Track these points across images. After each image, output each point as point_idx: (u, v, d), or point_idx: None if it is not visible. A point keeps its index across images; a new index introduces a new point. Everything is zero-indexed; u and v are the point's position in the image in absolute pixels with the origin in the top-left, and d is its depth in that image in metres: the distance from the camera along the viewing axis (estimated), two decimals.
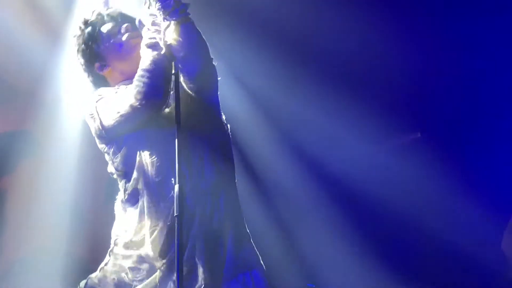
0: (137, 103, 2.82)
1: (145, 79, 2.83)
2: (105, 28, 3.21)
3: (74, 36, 3.29)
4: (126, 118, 2.87)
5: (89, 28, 3.23)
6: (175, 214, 2.58)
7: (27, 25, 5.54)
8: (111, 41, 3.19)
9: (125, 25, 3.22)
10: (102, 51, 3.20)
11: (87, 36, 3.22)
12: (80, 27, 3.28)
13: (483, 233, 6.61)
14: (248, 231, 3.00)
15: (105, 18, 3.24)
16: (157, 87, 2.83)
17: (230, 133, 3.13)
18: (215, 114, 3.10)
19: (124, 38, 3.18)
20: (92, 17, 3.27)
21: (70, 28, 5.56)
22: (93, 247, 6.30)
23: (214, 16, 5.56)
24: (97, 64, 3.22)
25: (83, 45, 3.22)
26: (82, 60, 3.26)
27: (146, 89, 2.81)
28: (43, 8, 5.43)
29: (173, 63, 2.89)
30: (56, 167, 6.58)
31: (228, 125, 3.13)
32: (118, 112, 2.89)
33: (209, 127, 3.03)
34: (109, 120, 2.92)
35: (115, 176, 3.03)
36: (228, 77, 6.41)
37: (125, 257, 2.88)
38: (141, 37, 3.13)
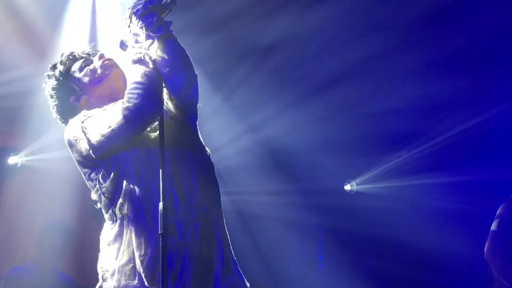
0: (131, 115, 2.74)
1: (138, 91, 2.77)
2: (77, 63, 3.19)
3: (45, 81, 3.20)
4: (117, 133, 2.77)
5: (61, 67, 3.19)
6: (159, 232, 2.57)
7: (12, 40, 5.50)
8: (84, 70, 3.15)
9: (98, 53, 3.20)
10: (77, 84, 3.14)
11: (58, 74, 3.16)
12: (50, 70, 3.20)
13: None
14: (234, 257, 2.95)
15: (76, 56, 3.21)
16: (151, 98, 2.78)
17: (211, 158, 3.09)
18: (197, 139, 3.06)
19: (97, 63, 3.15)
20: (62, 58, 3.21)
21: (57, 43, 5.58)
22: (80, 263, 6.28)
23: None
24: (72, 98, 3.14)
25: (55, 84, 3.16)
26: (57, 101, 3.17)
27: (141, 100, 2.75)
28: (30, 23, 5.40)
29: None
30: (43, 184, 6.58)
31: (209, 152, 3.09)
32: (109, 127, 2.78)
33: (194, 152, 2.99)
34: (99, 136, 2.82)
35: (99, 204, 2.92)
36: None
37: None
38: (114, 60, 3.15)
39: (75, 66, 3.18)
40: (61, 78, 3.17)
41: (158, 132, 2.84)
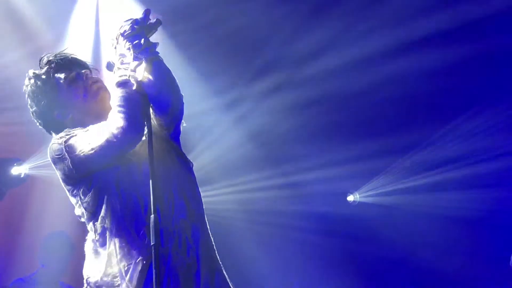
0: (114, 138, 2.79)
1: (122, 114, 2.80)
2: (61, 76, 3.12)
3: (26, 86, 3.13)
4: (100, 154, 2.83)
5: (44, 77, 3.11)
6: (152, 243, 2.61)
7: (15, 48, 5.50)
8: (71, 88, 3.10)
9: (84, 70, 3.17)
10: (62, 99, 3.09)
11: (41, 85, 3.09)
12: (31, 78, 3.13)
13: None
14: (220, 262, 2.99)
15: (58, 65, 3.13)
16: (135, 122, 2.81)
17: (193, 170, 3.14)
18: (179, 152, 3.11)
19: (85, 84, 3.12)
20: (43, 66, 3.15)
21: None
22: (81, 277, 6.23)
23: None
24: (56, 112, 3.09)
25: (39, 96, 3.09)
26: (38, 111, 3.11)
27: (124, 123, 2.78)
28: (34, 32, 5.39)
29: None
30: (47, 194, 6.56)
31: (192, 163, 3.15)
32: (92, 148, 2.83)
33: (176, 165, 3.04)
34: (81, 157, 2.86)
35: (82, 219, 2.94)
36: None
37: None
38: (101, 81, 3.16)
39: (60, 78, 3.12)
40: (46, 91, 3.10)
41: (139, 147, 2.90)
